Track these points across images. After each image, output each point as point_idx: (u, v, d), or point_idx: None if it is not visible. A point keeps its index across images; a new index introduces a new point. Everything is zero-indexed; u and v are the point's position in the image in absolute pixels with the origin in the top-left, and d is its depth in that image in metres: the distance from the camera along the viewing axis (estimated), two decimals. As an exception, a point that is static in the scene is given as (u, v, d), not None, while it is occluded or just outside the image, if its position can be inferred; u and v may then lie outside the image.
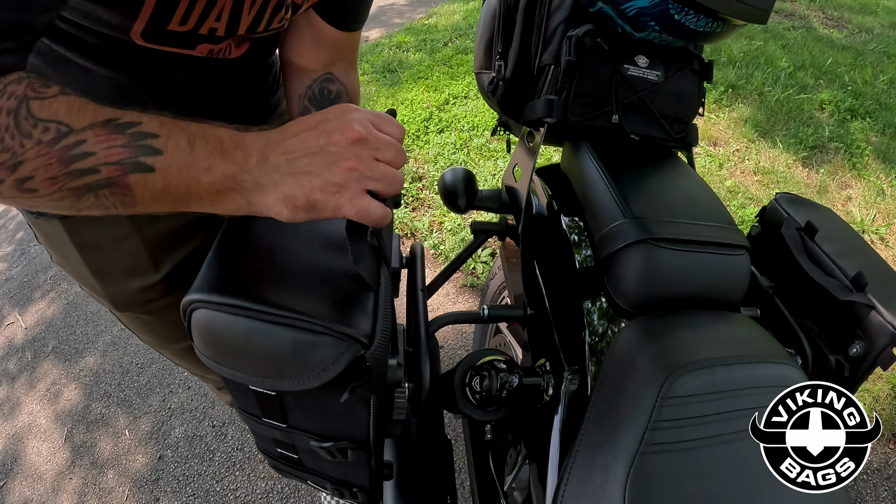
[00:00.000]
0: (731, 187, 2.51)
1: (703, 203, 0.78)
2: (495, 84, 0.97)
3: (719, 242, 0.71)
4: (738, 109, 3.04)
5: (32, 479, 1.91)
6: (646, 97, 0.87)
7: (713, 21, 0.74)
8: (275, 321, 0.51)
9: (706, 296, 0.70)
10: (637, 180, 0.79)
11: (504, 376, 0.73)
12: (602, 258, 0.71)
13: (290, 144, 0.53)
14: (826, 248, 0.84)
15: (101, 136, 0.47)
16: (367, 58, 3.98)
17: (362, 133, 0.53)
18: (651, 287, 0.68)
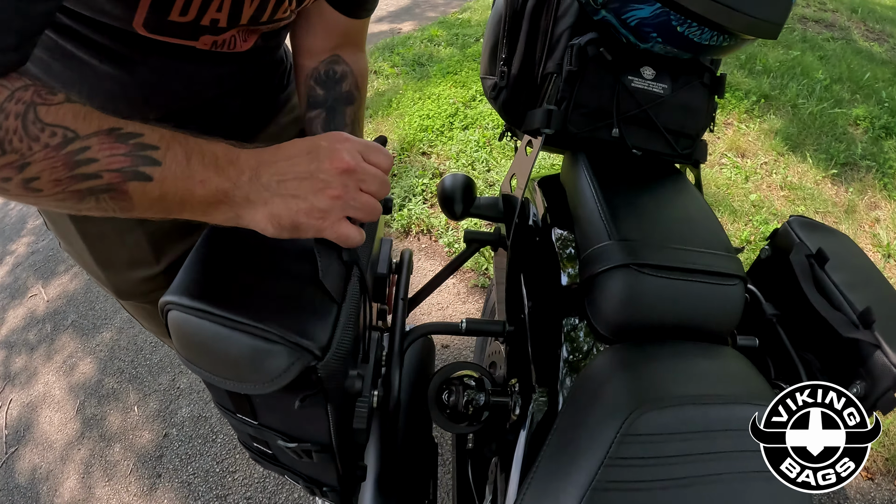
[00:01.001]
0: (755, 201, 2.43)
1: (699, 227, 0.74)
2: (498, 90, 0.94)
3: (711, 271, 0.66)
4: (769, 121, 2.94)
5: (43, 447, 1.95)
6: (650, 111, 0.83)
7: (719, 35, 0.69)
8: (236, 327, 0.52)
9: (692, 326, 0.66)
10: (631, 199, 0.75)
11: (471, 393, 0.71)
12: (583, 279, 0.68)
13: (281, 166, 0.55)
14: (836, 278, 0.79)
15: (104, 144, 0.49)
16: (398, 50, 3.95)
17: (351, 164, 0.56)
18: (631, 314, 0.64)
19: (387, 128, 3.10)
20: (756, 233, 2.26)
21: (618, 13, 0.73)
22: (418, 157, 2.87)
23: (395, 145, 2.94)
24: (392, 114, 3.20)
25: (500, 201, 0.99)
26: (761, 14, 0.66)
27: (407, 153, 2.89)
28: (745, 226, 2.31)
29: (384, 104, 3.29)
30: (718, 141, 2.83)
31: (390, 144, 2.98)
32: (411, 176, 2.73)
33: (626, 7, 0.71)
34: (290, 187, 0.55)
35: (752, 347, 0.78)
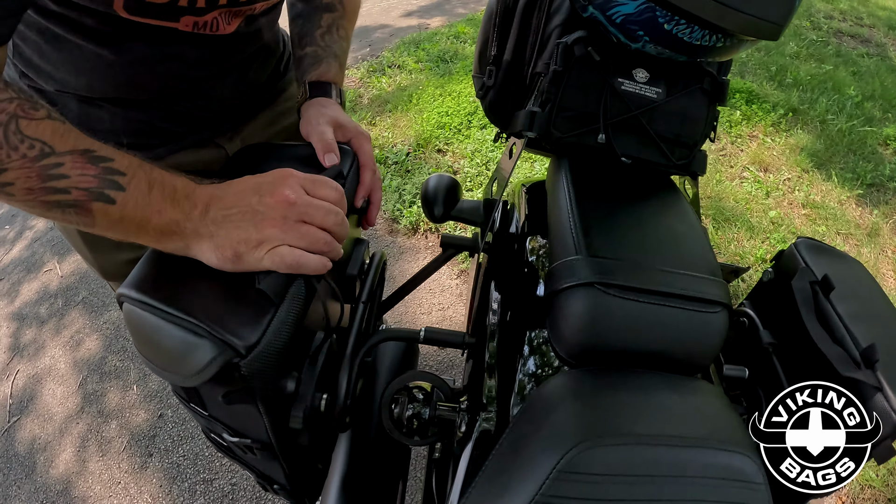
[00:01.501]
0: (774, 218, 2.32)
1: (684, 246, 0.66)
2: (485, 89, 0.88)
3: (689, 296, 0.59)
4: (795, 135, 2.81)
5: (43, 419, 1.96)
6: (642, 116, 0.76)
7: (711, 34, 0.62)
8: (171, 320, 0.54)
9: (663, 355, 0.59)
10: (610, 212, 0.68)
11: (416, 406, 0.66)
12: (546, 295, 0.61)
13: (228, 201, 0.59)
14: (841, 309, 0.71)
15: (77, 163, 0.53)
16: (424, 45, 3.90)
17: (290, 197, 0.59)
18: (592, 337, 0.57)
19: (405, 123, 3.05)
20: (772, 251, 2.15)
21: (603, 9, 0.66)
22: (433, 154, 2.82)
23: (411, 141, 2.90)
24: (411, 109, 3.15)
25: (481, 206, 0.93)
26: (758, 12, 0.58)
27: (422, 149, 2.84)
28: (762, 243, 2.20)
29: (405, 99, 3.24)
30: (741, 153, 2.72)
31: (406, 140, 2.93)
32: (424, 173, 2.68)
33: (611, 2, 0.64)
34: (234, 219, 0.58)
35: (740, 378, 0.71)
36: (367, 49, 4.11)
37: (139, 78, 0.78)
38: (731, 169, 2.63)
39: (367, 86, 3.55)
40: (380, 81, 3.53)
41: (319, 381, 0.71)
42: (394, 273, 2.27)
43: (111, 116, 0.81)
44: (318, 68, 0.85)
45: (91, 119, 0.81)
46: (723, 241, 2.21)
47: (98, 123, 0.82)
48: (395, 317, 2.08)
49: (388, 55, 3.86)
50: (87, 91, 0.78)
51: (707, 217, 2.33)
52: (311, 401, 0.68)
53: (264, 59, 0.96)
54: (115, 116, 0.82)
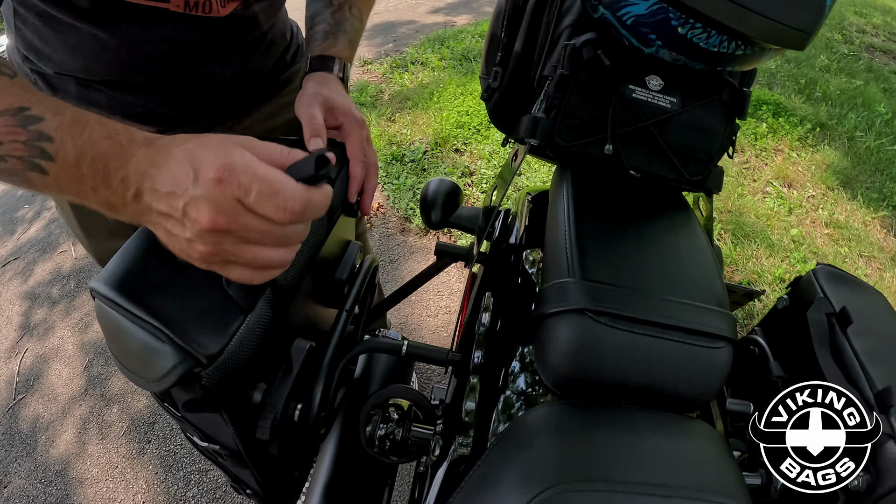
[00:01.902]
0: (796, 237, 2.22)
1: (691, 272, 0.60)
2: (490, 91, 0.82)
3: (690, 328, 0.53)
4: (822, 151, 2.70)
5: (48, 398, 1.95)
6: (654, 127, 0.70)
7: (730, 40, 0.56)
8: (136, 322, 0.51)
9: (657, 391, 0.53)
10: (610, 230, 0.62)
11: (390, 427, 0.62)
12: (534, 318, 0.56)
13: (158, 192, 0.43)
14: (857, 345, 0.66)
15: (8, 127, 0.46)
16: (448, 43, 3.84)
17: (218, 224, 0.42)
18: (578, 368, 0.52)
19: (424, 121, 3.00)
20: (791, 271, 2.06)
21: (613, 10, 0.60)
22: (451, 153, 2.77)
23: (429, 139, 2.85)
24: (431, 107, 3.10)
25: (481, 213, 0.88)
26: (783, 17, 0.51)
27: (440, 148, 2.79)
28: (781, 262, 2.11)
29: (426, 96, 3.20)
30: (765, 167, 2.62)
31: (424, 138, 2.88)
32: (440, 172, 2.62)
33: (621, 2, 0.58)
34: (168, 223, 0.44)
35: (744, 413, 0.65)
36: (392, 44, 4.07)
37: (132, 59, 0.76)
38: (753, 183, 2.53)
39: (389, 81, 3.51)
40: (402, 77, 3.49)
41: (295, 389, 0.68)
42: (402, 273, 2.23)
43: (109, 100, 0.80)
44: (324, 42, 0.80)
45: (90, 103, 0.80)
46: (741, 257, 2.12)
47: (96, 107, 0.80)
48: (399, 318, 2.03)
49: (412, 51, 3.81)
50: (84, 74, 0.77)
51: (726, 232, 2.24)
52: (282, 411, 0.65)
53: (268, 48, 0.93)
54: (113, 101, 0.81)
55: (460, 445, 0.59)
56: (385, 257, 2.28)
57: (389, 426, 0.63)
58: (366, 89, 3.37)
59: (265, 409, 0.64)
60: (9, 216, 2.80)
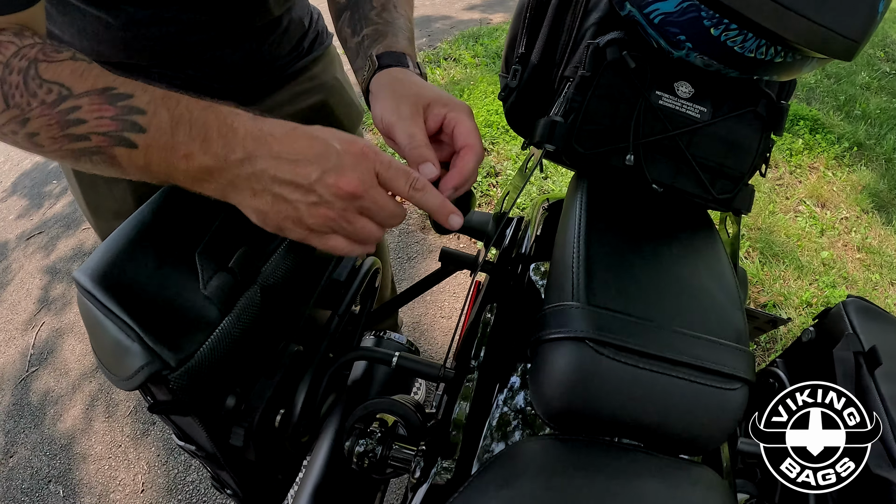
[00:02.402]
0: (826, 260, 2.11)
1: (710, 302, 0.54)
2: (508, 91, 0.76)
3: (703, 367, 0.47)
4: (858, 172, 2.57)
5: (59, 373, 1.95)
6: (680, 138, 0.64)
7: (769, 45, 0.49)
8: (110, 318, 0.50)
9: (660, 432, 0.47)
10: (624, 250, 0.56)
11: (368, 443, 0.57)
12: (531, 342, 0.50)
13: (282, 160, 0.47)
14: (885, 390, 0.60)
15: (94, 105, 0.46)
16: (483, 40, 3.77)
17: (358, 189, 0.47)
18: (574, 401, 0.46)
19: (452, 119, 2.94)
20: (820, 296, 1.95)
21: (640, 7, 0.54)
22: (476, 152, 2.70)
23: (455, 137, 2.79)
24: (460, 105, 3.04)
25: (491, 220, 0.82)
26: (831, 22, 0.44)
27: (466, 147, 2.72)
28: (810, 285, 2.01)
29: (456, 93, 3.13)
30: (799, 185, 2.50)
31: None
32: (464, 171, 2.56)
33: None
34: (285, 190, 0.47)
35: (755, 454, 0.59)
36: (426, 39, 4.01)
37: (137, 42, 0.74)
38: (786, 201, 2.42)
39: (419, 77, 3.46)
40: (434, 73, 3.43)
41: (277, 394, 0.64)
42: (419, 272, 2.18)
43: None
44: (384, 40, 0.67)
45: None
46: (768, 277, 2.03)
47: None
48: (413, 317, 1.99)
49: (446, 47, 3.75)
50: (92, 55, 0.75)
51: (754, 250, 2.15)
52: (260, 416, 0.62)
53: (283, 33, 0.90)
54: None
55: (443, 469, 0.54)
56: (403, 254, 2.24)
57: (369, 443, 0.58)
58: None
59: (241, 415, 0.61)
60: (37, 190, 2.83)
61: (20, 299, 2.22)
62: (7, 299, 2.22)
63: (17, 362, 2.01)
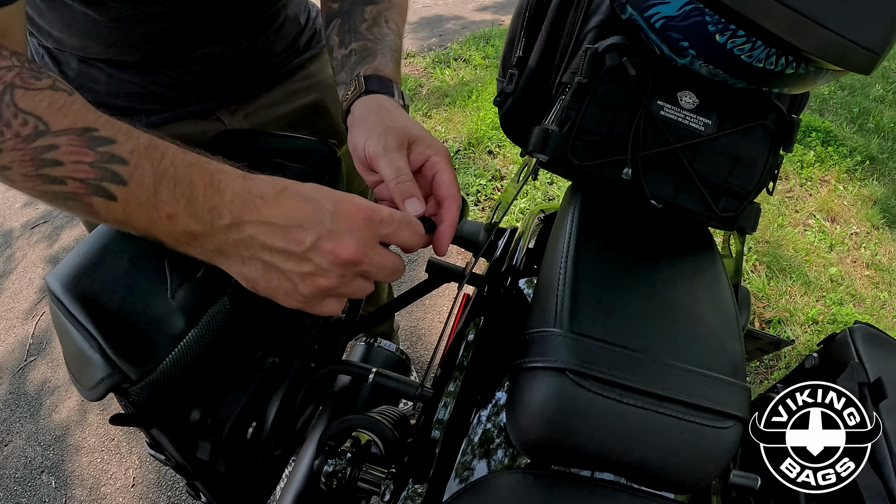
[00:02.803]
0: (833, 276, 2.05)
1: (705, 332, 0.50)
2: (504, 96, 0.72)
3: (694, 403, 0.43)
4: (870, 186, 2.50)
5: (57, 363, 1.94)
6: (683, 152, 0.59)
7: (780, 55, 0.44)
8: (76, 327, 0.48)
9: (644, 470, 0.43)
10: (616, 271, 0.52)
11: (338, 463, 0.54)
12: (509, 368, 0.46)
13: (273, 226, 0.43)
14: (889, 425, 0.55)
15: (72, 147, 0.42)
16: (494, 42, 3.73)
17: (357, 257, 0.44)
18: (551, 436, 0.42)
19: (460, 119, 2.90)
20: (826, 313, 1.90)
21: (641, 9, 0.49)
22: (483, 154, 2.66)
23: (463, 139, 2.75)
24: (469, 105, 3.00)
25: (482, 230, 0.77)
26: (849, 32, 0.39)
27: (473, 149, 2.69)
28: (817, 302, 1.95)
29: (464, 94, 3.09)
30: (809, 198, 2.44)
31: (459, 137, 2.79)
32: (470, 174, 2.53)
33: (649, 0, 0.48)
34: (276, 258, 0.44)
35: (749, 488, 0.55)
36: (436, 39, 3.97)
37: (126, 38, 0.72)
38: (795, 214, 2.36)
39: (429, 76, 3.42)
40: (443, 73, 3.39)
41: (250, 407, 0.61)
42: (419, 276, 2.14)
43: (107, 78, 0.78)
44: (372, 61, 0.65)
45: (89, 80, 0.78)
46: (774, 293, 1.97)
47: (95, 84, 0.78)
48: (411, 321, 1.95)
49: (456, 47, 3.71)
50: (81, 51, 0.75)
51: (761, 264, 2.09)
52: (230, 429, 0.59)
53: (278, 31, 0.87)
54: (111, 78, 0.78)
55: (415, 493, 0.51)
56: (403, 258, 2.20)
57: (339, 463, 0.55)
58: (405, 82, 3.28)
59: (207, 428, 0.58)
60: (46, 179, 2.82)
61: (22, 288, 2.21)
62: (9, 288, 2.21)
63: (15, 351, 1.99)
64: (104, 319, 0.48)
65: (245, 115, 0.88)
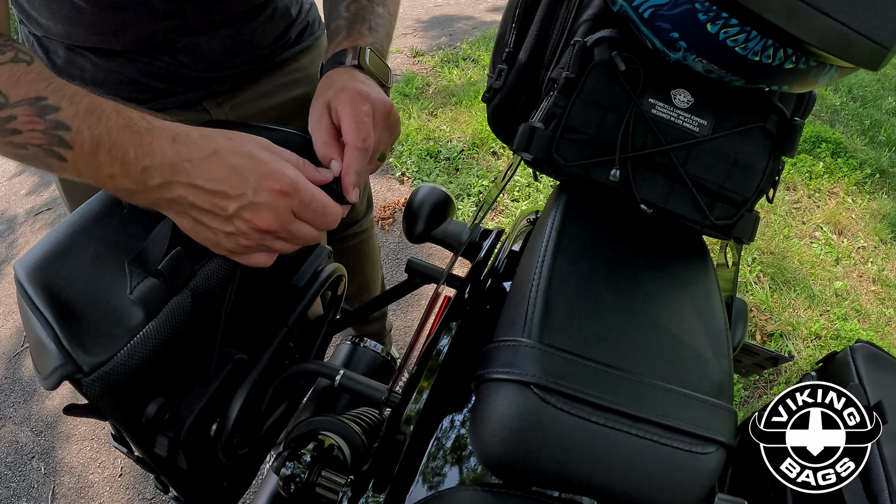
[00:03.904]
0: (839, 290, 1.99)
1: (690, 349, 0.45)
2: (492, 92, 0.68)
3: (672, 426, 0.39)
4: (879, 200, 2.43)
5: (53, 351, 1.92)
6: (675, 154, 0.55)
7: (778, 48, 0.40)
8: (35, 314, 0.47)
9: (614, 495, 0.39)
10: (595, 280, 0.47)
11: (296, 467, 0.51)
12: (475, 377, 0.42)
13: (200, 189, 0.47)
14: (888, 452, 0.54)
15: (27, 116, 0.46)
16: (504, 48, 3.69)
17: (273, 227, 0.48)
18: (514, 453, 0.38)
19: (466, 119, 2.87)
20: (829, 328, 1.84)
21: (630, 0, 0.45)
22: (487, 155, 2.63)
23: (467, 139, 2.71)
24: (475, 106, 2.96)
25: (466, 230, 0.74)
26: (854, 22, 0.35)
27: (477, 149, 2.65)
28: (820, 316, 1.89)
29: (471, 94, 3.06)
30: (816, 210, 2.38)
31: (463, 137, 2.75)
32: (472, 174, 2.49)
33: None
34: (203, 217, 0.48)
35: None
36: (446, 38, 3.94)
37: (109, 27, 0.72)
38: (802, 226, 2.30)
39: (437, 75, 3.39)
40: (451, 73, 3.36)
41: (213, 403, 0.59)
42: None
43: (93, 67, 0.77)
44: (336, 38, 0.67)
45: (76, 68, 0.78)
46: (777, 305, 1.92)
47: (82, 73, 0.78)
48: (406, 321, 1.92)
49: (466, 47, 3.67)
50: (67, 39, 0.75)
51: (765, 275, 2.03)
52: (190, 426, 0.57)
53: (266, 22, 0.84)
54: (97, 67, 0.77)
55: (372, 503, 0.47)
56: (402, 255, 2.17)
57: (297, 466, 0.52)
58: (412, 80, 3.25)
59: (165, 423, 0.57)
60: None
61: (22, 274, 2.20)
62: (10, 273, 2.20)
63: (13, 337, 1.98)
64: (62, 309, 0.47)
65: (231, 106, 0.87)
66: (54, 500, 1.54)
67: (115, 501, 1.52)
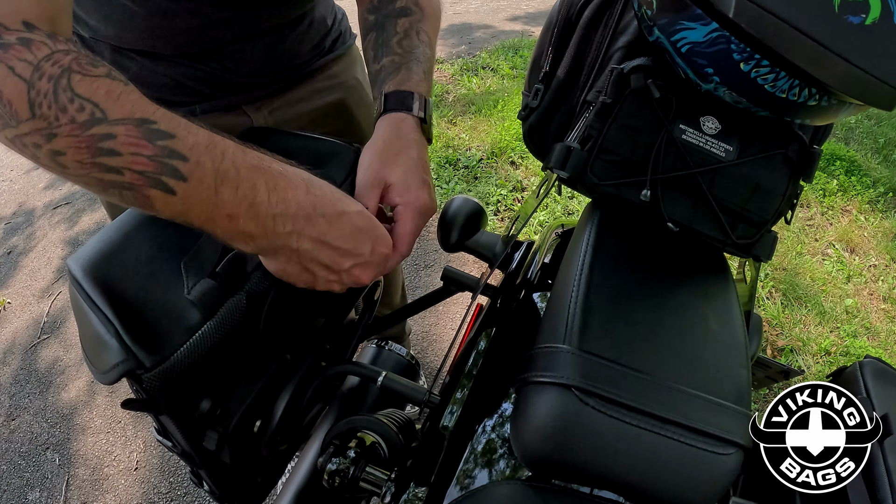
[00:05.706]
0: (849, 307, 2.03)
1: (712, 358, 0.50)
2: (528, 111, 0.73)
3: (695, 428, 0.43)
4: (891, 219, 2.46)
5: (69, 343, 1.97)
6: (702, 177, 0.60)
7: (803, 87, 0.45)
8: (93, 310, 0.49)
9: (640, 490, 0.43)
10: (628, 292, 0.52)
11: (341, 462, 0.55)
12: (516, 381, 0.47)
13: (326, 246, 0.50)
14: (892, 463, 0.55)
15: (130, 137, 0.42)
16: (523, 52, 3.74)
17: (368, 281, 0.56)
18: (553, 451, 0.43)
19: (485, 128, 2.91)
20: (839, 345, 1.87)
21: (668, 33, 0.50)
22: (506, 165, 2.67)
23: (486, 148, 2.76)
24: (494, 115, 3.01)
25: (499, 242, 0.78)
26: (872, 68, 0.40)
27: (496, 158, 2.69)
28: (830, 333, 1.93)
29: (490, 103, 3.11)
30: (829, 227, 2.41)
31: (482, 146, 2.79)
32: (491, 183, 2.53)
33: (676, 25, 0.48)
34: (316, 268, 0.52)
35: None
36: (465, 46, 3.99)
37: (162, 31, 0.74)
38: (815, 243, 2.33)
39: (456, 83, 3.44)
40: (470, 81, 3.41)
41: (258, 401, 0.63)
42: (434, 281, 2.15)
43: (139, 68, 0.80)
44: (396, 76, 0.68)
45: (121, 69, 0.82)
46: (788, 321, 1.95)
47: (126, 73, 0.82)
48: (424, 326, 1.96)
49: (485, 56, 3.73)
50: (116, 41, 0.77)
51: (777, 291, 2.07)
52: (237, 422, 0.60)
53: (306, 31, 0.89)
54: (143, 69, 0.80)
55: (415, 497, 0.51)
56: (420, 262, 2.21)
57: (342, 462, 0.56)
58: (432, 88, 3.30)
59: (216, 419, 0.60)
60: (71, 161, 2.87)
61: (40, 267, 2.25)
62: (28, 265, 2.25)
63: (29, 328, 2.03)
64: (122, 305, 0.49)
65: (270, 110, 0.91)
66: (68, 491, 1.57)
67: (130, 495, 1.56)
